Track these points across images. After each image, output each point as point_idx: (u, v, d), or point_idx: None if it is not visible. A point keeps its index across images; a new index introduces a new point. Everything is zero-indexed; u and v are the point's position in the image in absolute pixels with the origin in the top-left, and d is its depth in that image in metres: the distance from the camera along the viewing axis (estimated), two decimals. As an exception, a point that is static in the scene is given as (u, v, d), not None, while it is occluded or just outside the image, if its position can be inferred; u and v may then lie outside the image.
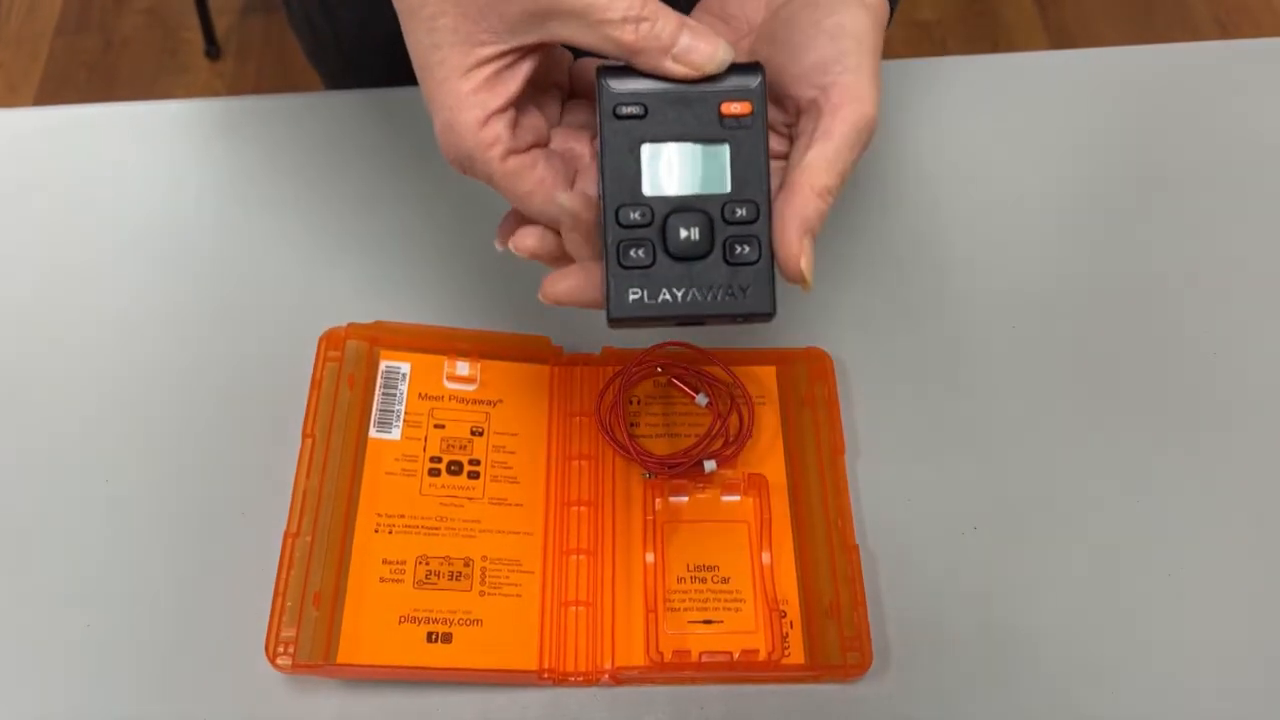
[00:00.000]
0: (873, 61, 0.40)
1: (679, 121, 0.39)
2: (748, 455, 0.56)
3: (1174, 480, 0.56)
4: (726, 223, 0.39)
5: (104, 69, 1.66)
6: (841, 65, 0.40)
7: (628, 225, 0.39)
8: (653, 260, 0.39)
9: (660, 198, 0.39)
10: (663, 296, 0.39)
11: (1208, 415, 0.58)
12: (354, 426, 0.55)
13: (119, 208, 0.64)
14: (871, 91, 0.40)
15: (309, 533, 0.51)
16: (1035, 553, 0.54)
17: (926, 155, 0.67)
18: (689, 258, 0.39)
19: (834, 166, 0.39)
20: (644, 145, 0.39)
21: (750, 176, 0.39)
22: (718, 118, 0.39)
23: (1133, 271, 0.63)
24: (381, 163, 0.65)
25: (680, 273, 0.39)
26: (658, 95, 0.39)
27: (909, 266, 0.63)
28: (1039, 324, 0.61)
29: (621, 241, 0.39)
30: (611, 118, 0.39)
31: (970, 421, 0.58)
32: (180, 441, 0.56)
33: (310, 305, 0.59)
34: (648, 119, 0.39)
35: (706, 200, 0.39)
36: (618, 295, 0.39)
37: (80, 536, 0.53)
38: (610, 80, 0.39)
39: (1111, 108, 0.69)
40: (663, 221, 0.39)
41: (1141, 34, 1.68)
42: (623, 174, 0.39)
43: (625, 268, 0.39)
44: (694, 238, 0.39)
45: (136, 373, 0.58)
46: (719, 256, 0.39)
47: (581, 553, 0.53)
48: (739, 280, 0.39)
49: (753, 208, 0.39)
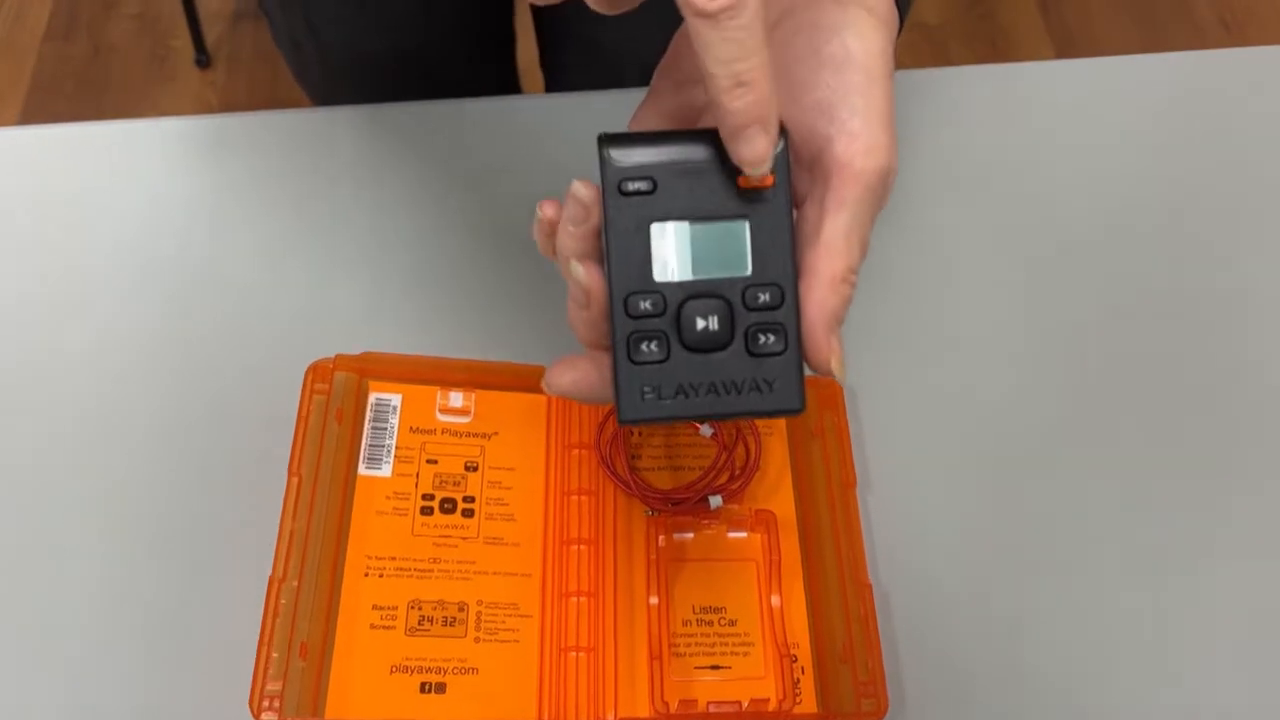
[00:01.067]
0: (884, 96, 0.36)
1: (692, 197, 0.35)
2: (755, 489, 0.53)
3: (1206, 507, 0.54)
4: (748, 309, 0.35)
5: (92, 77, 1.64)
6: (849, 107, 0.35)
7: (638, 315, 0.35)
8: (667, 354, 0.35)
9: (673, 283, 0.35)
10: (679, 394, 0.35)
11: (1235, 435, 0.56)
12: (342, 463, 0.52)
13: (97, 232, 0.61)
14: (885, 137, 0.35)
15: (295, 578, 0.49)
16: (1058, 588, 0.52)
17: (936, 172, 0.65)
18: (707, 349, 0.35)
19: (853, 239, 0.35)
20: (653, 225, 0.35)
21: (773, 256, 0.35)
22: (735, 191, 0.35)
23: (1156, 290, 0.61)
24: (370, 184, 0.63)
25: (698, 367, 0.35)
26: (667, 168, 0.35)
27: (920, 288, 0.60)
28: (1058, 348, 0.59)
29: (632, 334, 0.35)
30: (616, 194, 0.35)
31: (987, 450, 0.55)
32: (159, 481, 0.54)
33: (295, 336, 0.57)
34: (657, 195, 0.35)
35: (725, 284, 0.35)
36: (629, 394, 0.35)
37: (54, 581, 0.51)
38: (613, 151, 0.35)
39: (1126, 121, 0.67)
40: (677, 310, 0.35)
41: (1145, 35, 1.66)
42: (630, 258, 0.35)
43: (636, 363, 0.35)
44: (712, 327, 0.35)
45: (112, 407, 0.56)
46: (740, 347, 0.35)
47: (582, 595, 0.50)
48: (763, 373, 0.35)
49: (777, 291, 0.35)
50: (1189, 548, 0.53)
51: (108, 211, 0.62)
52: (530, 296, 0.58)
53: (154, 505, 0.53)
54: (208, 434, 0.55)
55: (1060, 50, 1.65)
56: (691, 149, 0.35)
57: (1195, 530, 0.53)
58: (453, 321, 0.58)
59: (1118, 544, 0.53)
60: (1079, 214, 0.63)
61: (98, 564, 0.51)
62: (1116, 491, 0.54)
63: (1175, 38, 1.65)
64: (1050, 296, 0.60)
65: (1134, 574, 0.52)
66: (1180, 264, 0.62)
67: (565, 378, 0.37)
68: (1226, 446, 0.56)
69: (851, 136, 0.35)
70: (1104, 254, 0.62)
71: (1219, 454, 0.56)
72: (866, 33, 0.36)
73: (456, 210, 0.62)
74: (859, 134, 0.35)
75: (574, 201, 0.35)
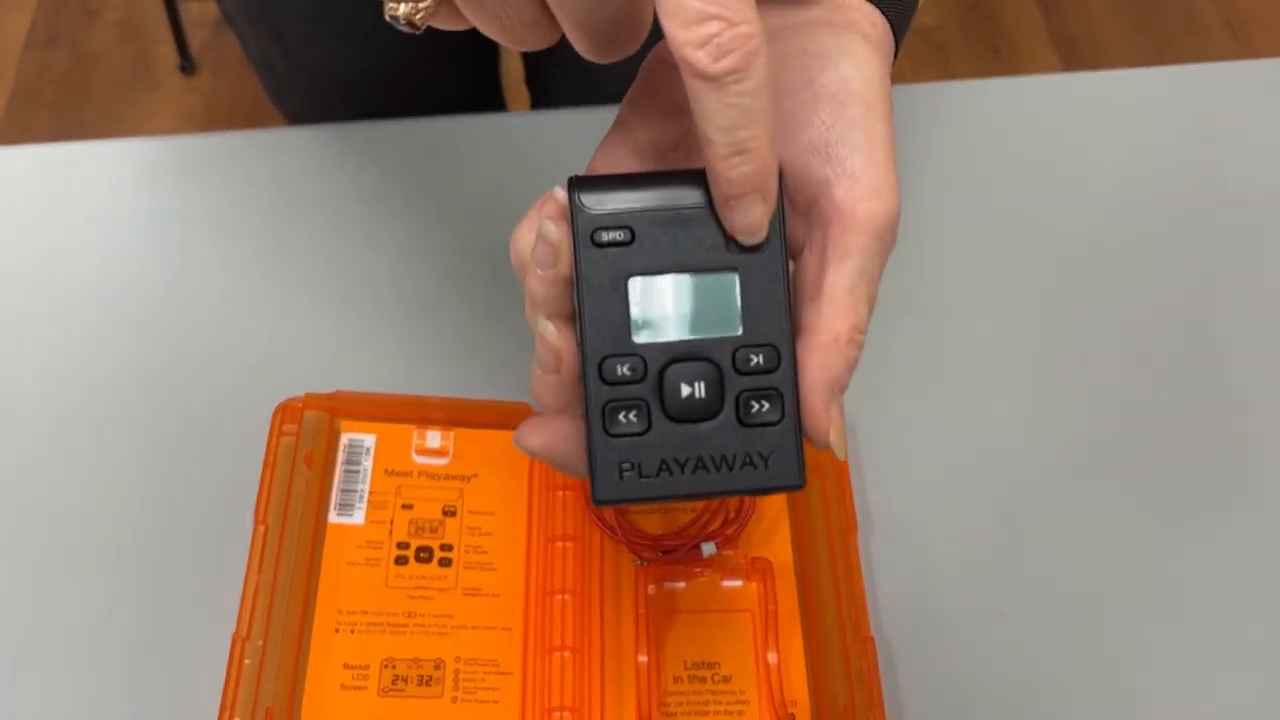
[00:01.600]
0: (885, 130, 0.32)
1: (675, 247, 0.31)
2: (750, 533, 0.50)
3: (1221, 558, 0.51)
4: (739, 373, 0.31)
5: (74, 85, 1.61)
6: (849, 145, 0.31)
7: (615, 382, 0.31)
8: (648, 425, 0.31)
9: (655, 345, 0.31)
10: (663, 471, 0.31)
11: (1260, 468, 0.53)
12: (312, 510, 0.49)
13: (51, 260, 0.58)
14: (889, 177, 0.31)
15: (261, 636, 0.46)
16: (1071, 641, 0.49)
17: (938, 192, 0.62)
18: (694, 420, 0.31)
19: (859, 294, 0.31)
20: (631, 279, 0.31)
21: (767, 313, 0.31)
22: (723, 240, 0.31)
23: (1171, 314, 0.58)
24: (345, 208, 0.60)
25: (683, 439, 0.31)
26: (646, 215, 0.31)
27: (925, 317, 0.57)
28: (1070, 376, 0.56)
29: (608, 403, 0.31)
30: (590, 246, 0.31)
31: (998, 489, 0.52)
32: (113, 529, 0.50)
33: (262, 372, 0.54)
34: (635, 246, 0.31)
35: (713, 346, 0.31)
36: (605, 472, 0.31)
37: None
38: (585, 197, 0.31)
39: (1134, 138, 0.64)
40: (659, 375, 0.31)
41: (1149, 38, 1.63)
42: (606, 317, 0.31)
43: (613, 436, 0.31)
44: (699, 394, 0.31)
45: (65, 446, 0.52)
46: (731, 417, 0.31)
47: (566, 650, 0.47)
48: (757, 446, 0.31)
49: (772, 353, 0.31)
50: (1214, 588, 0.50)
51: (61, 238, 0.59)
52: (514, 328, 0.55)
53: (107, 556, 0.50)
54: (167, 479, 0.52)
55: (1062, 52, 1.62)
56: (673, 193, 0.31)
57: (1219, 569, 0.51)
58: (431, 356, 0.55)
59: (1141, 594, 0.50)
60: (1088, 236, 0.60)
61: (43, 628, 0.48)
62: (1138, 538, 0.51)
63: (1178, 40, 1.62)
64: (1061, 321, 0.57)
65: (1158, 627, 0.49)
66: (1195, 287, 0.59)
67: (534, 439, 0.33)
68: (1253, 479, 0.53)
69: (853, 179, 0.31)
70: (1116, 277, 0.59)
71: (1242, 487, 0.53)
72: (863, 60, 0.33)
73: (437, 235, 0.59)
74: (861, 175, 0.31)
75: (542, 243, 0.32)
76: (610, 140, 0.35)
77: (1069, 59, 1.62)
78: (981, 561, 0.51)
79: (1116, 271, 0.59)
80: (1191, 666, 0.48)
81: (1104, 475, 0.53)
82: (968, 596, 0.50)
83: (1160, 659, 0.48)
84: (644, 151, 0.34)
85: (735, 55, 0.27)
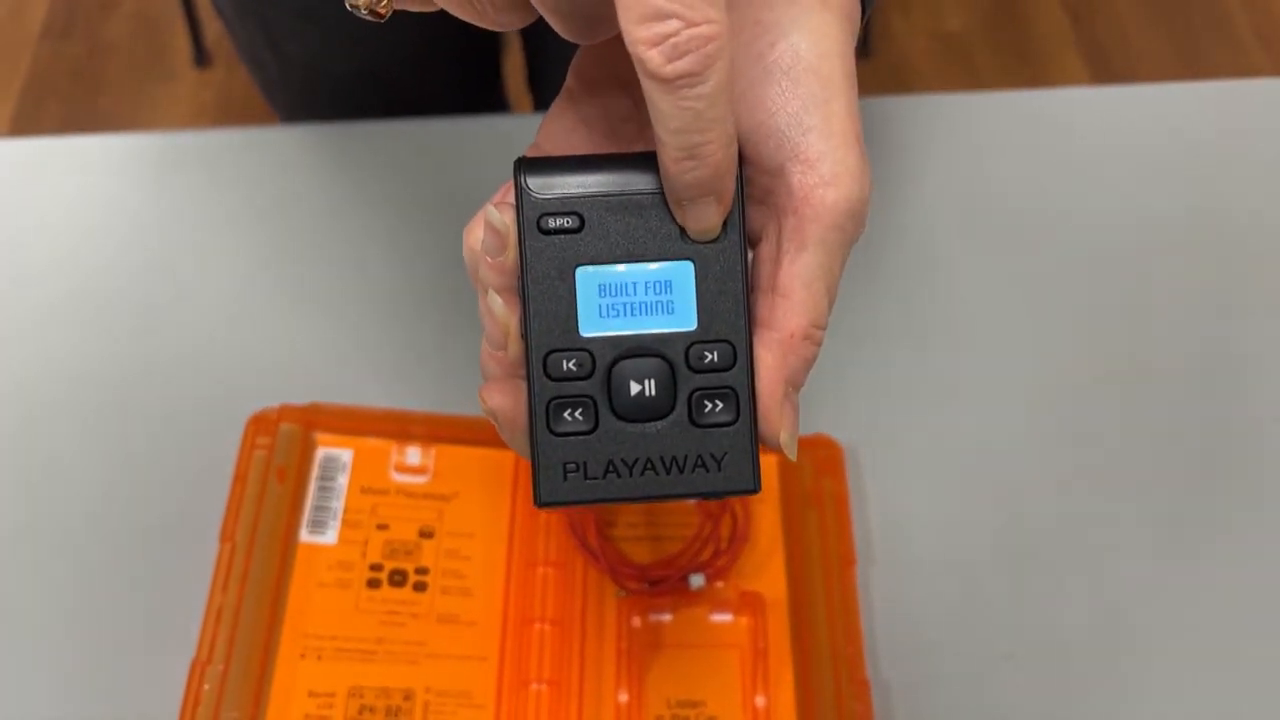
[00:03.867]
0: (846, 108, 0.29)
1: (626, 235, 0.29)
2: (742, 565, 0.48)
3: (1238, 590, 0.48)
4: (693, 370, 0.30)
5: (88, 76, 1.59)
6: (802, 127, 0.29)
7: (560, 378, 0.29)
8: (594, 424, 0.29)
9: (603, 339, 0.30)
10: (610, 473, 0.29)
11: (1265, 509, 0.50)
12: (282, 528, 0.47)
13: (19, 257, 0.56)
14: (852, 160, 0.29)
15: (222, 660, 0.44)
16: (1082, 685, 0.46)
17: (945, 207, 0.59)
18: (643, 419, 0.30)
19: (817, 288, 0.29)
20: (579, 269, 0.29)
21: (723, 307, 0.29)
22: (678, 228, 0.30)
23: (1186, 340, 0.55)
24: (326, 212, 0.58)
25: (632, 440, 0.30)
26: (596, 200, 0.29)
27: (928, 340, 0.55)
28: (1078, 407, 0.53)
29: (553, 400, 0.29)
30: (536, 233, 0.29)
31: (1006, 526, 0.50)
32: (72, 543, 0.48)
33: (236, 382, 0.52)
34: (584, 233, 0.29)
35: (665, 341, 0.30)
36: (548, 472, 0.29)
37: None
38: (531, 180, 0.30)
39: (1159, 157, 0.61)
40: (607, 372, 0.30)
41: (1180, 50, 1.59)
42: (552, 309, 0.29)
43: (558, 435, 0.29)
44: (649, 393, 0.29)
45: (25, 453, 0.50)
46: (683, 416, 0.30)
47: (543, 683, 0.45)
48: (710, 447, 0.30)
49: (727, 350, 0.29)
50: (1232, 624, 0.47)
51: (30, 236, 0.57)
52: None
53: (63, 570, 0.48)
54: (131, 491, 0.50)
55: (1090, 61, 1.58)
56: (626, 177, 0.29)
57: (1237, 603, 0.48)
58: (414, 368, 0.53)
59: (1156, 636, 0.47)
60: (1110, 257, 0.57)
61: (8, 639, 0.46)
62: (1152, 569, 0.48)
63: (1209, 51, 1.58)
64: (1076, 349, 0.55)
65: (1173, 668, 0.46)
66: (1219, 313, 0.56)
67: (496, 398, 0.30)
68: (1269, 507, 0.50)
69: (809, 165, 0.29)
70: (1130, 298, 0.56)
71: (1258, 516, 0.50)
72: (820, 31, 0.29)
73: (422, 242, 0.56)
74: (818, 161, 0.29)
75: (488, 229, 0.30)
76: (557, 111, 0.32)
77: (1097, 68, 1.58)
78: (988, 600, 0.48)
79: (1140, 298, 0.56)
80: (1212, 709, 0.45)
81: (1116, 509, 0.50)
82: (972, 638, 0.47)
83: (1179, 706, 0.45)
84: (593, 123, 0.32)
85: (691, 58, 0.24)
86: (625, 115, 0.32)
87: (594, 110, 0.32)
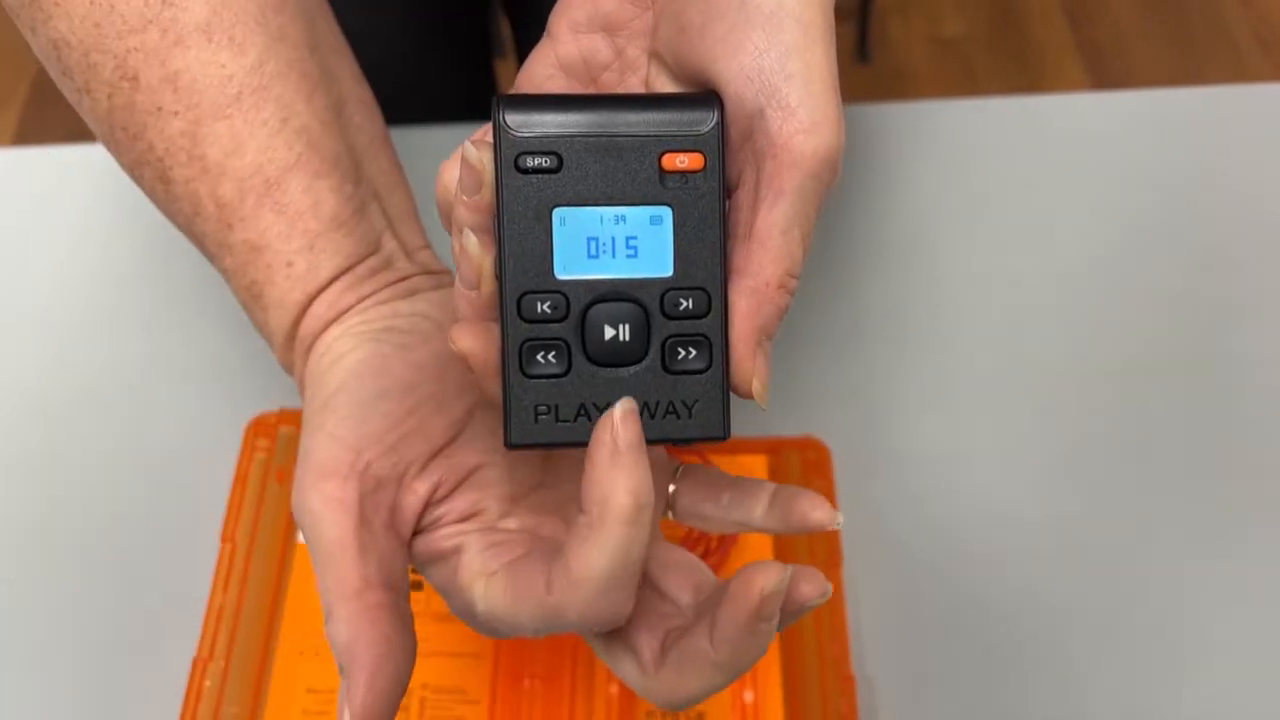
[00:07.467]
0: (825, 57, 0.29)
1: (605, 178, 0.29)
2: (731, 565, 0.49)
3: (1228, 589, 0.49)
4: (667, 317, 0.30)
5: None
6: (783, 74, 0.29)
7: (534, 319, 0.30)
8: (567, 367, 0.30)
9: (578, 282, 0.30)
10: (581, 416, 0.30)
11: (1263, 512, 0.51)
12: (281, 529, 0.48)
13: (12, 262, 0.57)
14: (829, 109, 0.29)
15: (223, 657, 0.45)
16: (1071, 683, 0.47)
17: (944, 215, 0.60)
18: (616, 364, 0.30)
19: (793, 236, 0.29)
20: (556, 210, 0.30)
21: (700, 254, 0.30)
22: (658, 173, 0.30)
23: (1189, 353, 0.55)
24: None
25: (604, 384, 0.30)
26: (576, 141, 0.29)
27: (917, 340, 0.56)
28: (1072, 410, 0.54)
29: (526, 341, 0.30)
30: (513, 171, 0.29)
31: (990, 524, 0.51)
32: (76, 546, 0.50)
33: (237, 385, 0.53)
34: (563, 174, 0.29)
35: (641, 286, 0.30)
36: (519, 415, 0.30)
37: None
38: (510, 117, 0.29)
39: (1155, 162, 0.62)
40: (581, 315, 0.30)
41: (1180, 54, 1.60)
42: (528, 250, 0.29)
43: (530, 377, 0.30)
44: (623, 337, 0.30)
45: (25, 458, 0.52)
46: (656, 362, 0.30)
47: (536, 678, 0.46)
48: (682, 394, 0.30)
49: (702, 297, 0.30)
50: (1215, 620, 0.48)
51: (36, 243, 0.58)
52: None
53: (67, 572, 0.49)
54: (133, 492, 0.51)
55: (1090, 65, 1.59)
56: (607, 117, 0.30)
57: (1225, 602, 0.48)
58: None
59: (1146, 635, 0.48)
60: (1100, 260, 0.58)
61: (11, 637, 0.47)
62: (1140, 568, 0.49)
63: (1209, 56, 1.59)
64: (1070, 351, 0.56)
65: (1164, 670, 0.47)
66: (1221, 319, 0.57)
67: (467, 340, 0.30)
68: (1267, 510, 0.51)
69: (789, 111, 0.29)
70: (1127, 303, 0.57)
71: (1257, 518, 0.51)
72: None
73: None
74: (798, 108, 0.29)
75: (465, 167, 0.30)
76: (538, 55, 0.33)
77: (1096, 73, 1.59)
78: (972, 599, 0.49)
79: (1138, 302, 0.57)
80: (1194, 700, 0.46)
81: (1101, 510, 0.51)
82: (956, 635, 0.48)
83: (1167, 700, 0.46)
84: (573, 69, 0.32)
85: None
86: (606, 63, 0.32)
87: (573, 53, 0.32)
